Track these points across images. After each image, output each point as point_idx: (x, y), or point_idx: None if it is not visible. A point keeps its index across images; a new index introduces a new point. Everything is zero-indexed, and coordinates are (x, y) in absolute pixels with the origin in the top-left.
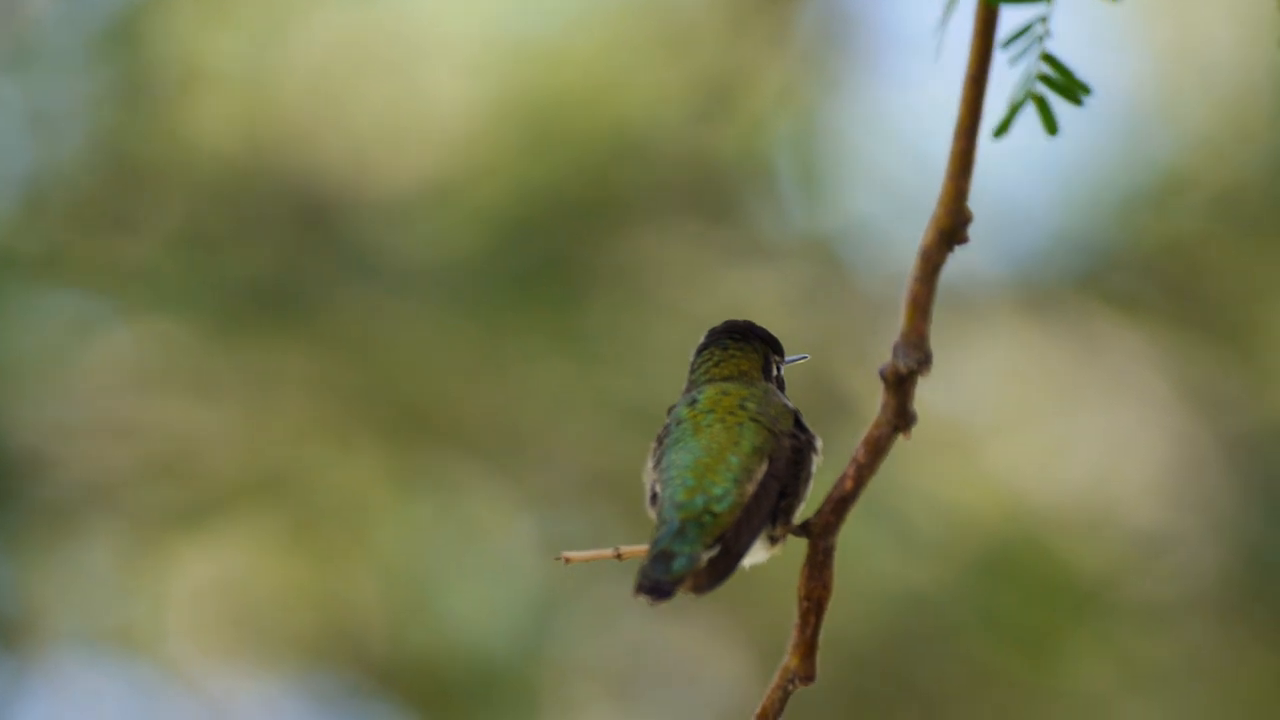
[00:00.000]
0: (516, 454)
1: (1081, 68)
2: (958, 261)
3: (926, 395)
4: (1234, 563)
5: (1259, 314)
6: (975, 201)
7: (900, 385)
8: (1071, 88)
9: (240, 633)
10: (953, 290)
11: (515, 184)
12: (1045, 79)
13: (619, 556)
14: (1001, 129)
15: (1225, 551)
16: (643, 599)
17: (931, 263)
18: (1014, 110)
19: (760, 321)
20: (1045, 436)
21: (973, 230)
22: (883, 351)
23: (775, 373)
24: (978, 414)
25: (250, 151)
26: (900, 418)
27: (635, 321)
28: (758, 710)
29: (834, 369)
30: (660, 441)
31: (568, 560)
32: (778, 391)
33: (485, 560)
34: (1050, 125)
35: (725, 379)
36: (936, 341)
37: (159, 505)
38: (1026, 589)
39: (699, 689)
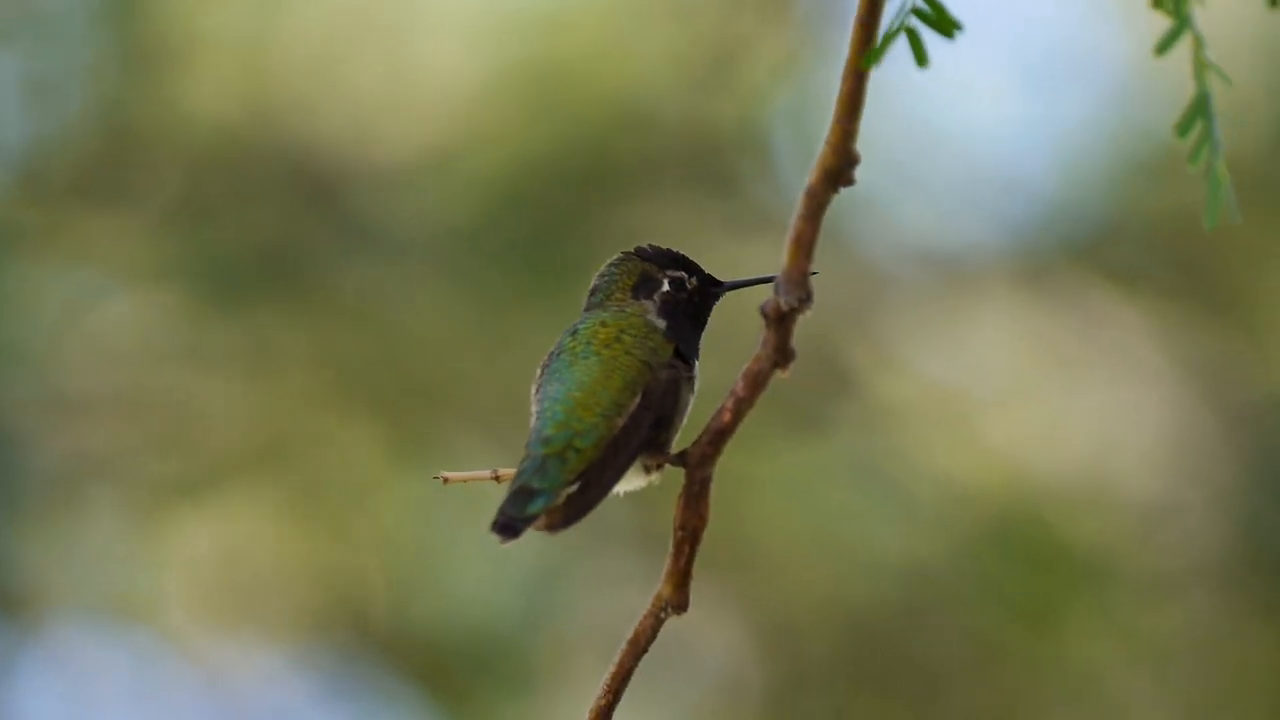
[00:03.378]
0: (516, 425)
1: (953, 4)
2: (957, 233)
3: (927, 368)
4: (1234, 535)
5: (1258, 286)
6: (976, 174)
7: (781, 322)
8: (943, 22)
9: (240, 603)
10: (952, 262)
11: (514, 153)
12: (918, 11)
13: (496, 479)
14: (872, 59)
15: (1225, 523)
16: (494, 536)
17: (816, 202)
18: (886, 41)
19: (761, 292)
20: (1045, 409)
21: (973, 202)
22: (884, 322)
23: (665, 289)
24: (978, 386)
25: (249, 120)
26: (780, 354)
27: None
28: (630, 636)
29: (834, 340)
30: (544, 369)
31: (445, 480)
32: (655, 319)
33: (485, 531)
34: (921, 58)
35: (599, 305)
36: (937, 315)
37: (159, 476)
38: (1027, 562)
39: (698, 660)
